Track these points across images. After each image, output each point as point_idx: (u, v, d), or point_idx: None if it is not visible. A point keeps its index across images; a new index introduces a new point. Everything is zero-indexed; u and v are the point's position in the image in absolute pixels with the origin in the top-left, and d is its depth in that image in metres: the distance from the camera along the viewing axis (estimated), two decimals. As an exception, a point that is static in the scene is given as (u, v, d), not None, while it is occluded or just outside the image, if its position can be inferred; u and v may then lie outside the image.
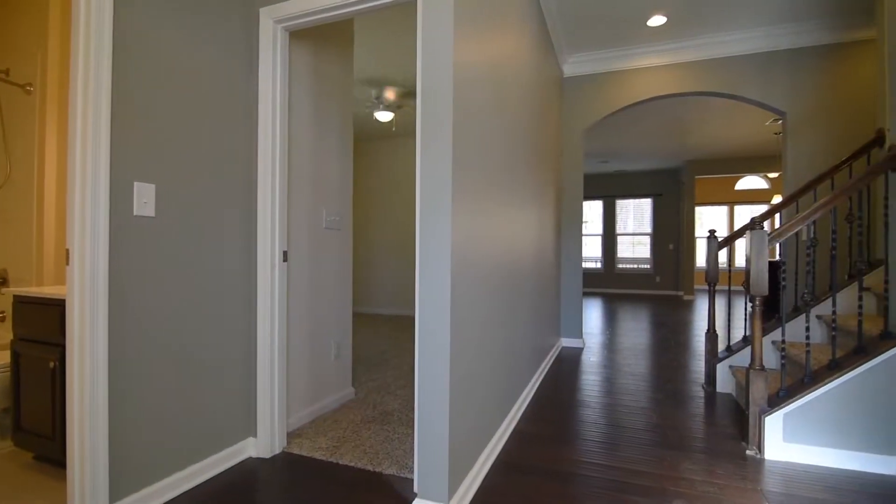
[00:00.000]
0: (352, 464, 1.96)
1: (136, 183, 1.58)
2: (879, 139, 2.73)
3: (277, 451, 2.08)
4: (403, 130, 6.29)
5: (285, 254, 2.09)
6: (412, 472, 1.88)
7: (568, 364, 3.78)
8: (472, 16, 1.77)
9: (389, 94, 4.80)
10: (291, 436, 2.24)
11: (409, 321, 5.92)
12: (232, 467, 1.95)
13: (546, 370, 3.54)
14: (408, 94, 4.88)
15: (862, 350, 2.02)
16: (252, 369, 2.06)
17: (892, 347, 1.93)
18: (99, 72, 1.45)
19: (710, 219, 11.01)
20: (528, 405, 2.77)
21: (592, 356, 4.08)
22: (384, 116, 4.91)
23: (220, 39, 1.90)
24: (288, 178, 2.28)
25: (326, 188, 2.58)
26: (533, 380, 3.04)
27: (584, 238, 11.04)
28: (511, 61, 2.41)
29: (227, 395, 1.95)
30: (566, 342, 4.48)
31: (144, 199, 1.60)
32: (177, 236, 1.73)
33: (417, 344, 1.60)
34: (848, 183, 2.07)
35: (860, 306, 2.04)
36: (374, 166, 6.78)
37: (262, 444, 2.04)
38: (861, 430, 1.99)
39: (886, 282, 2.04)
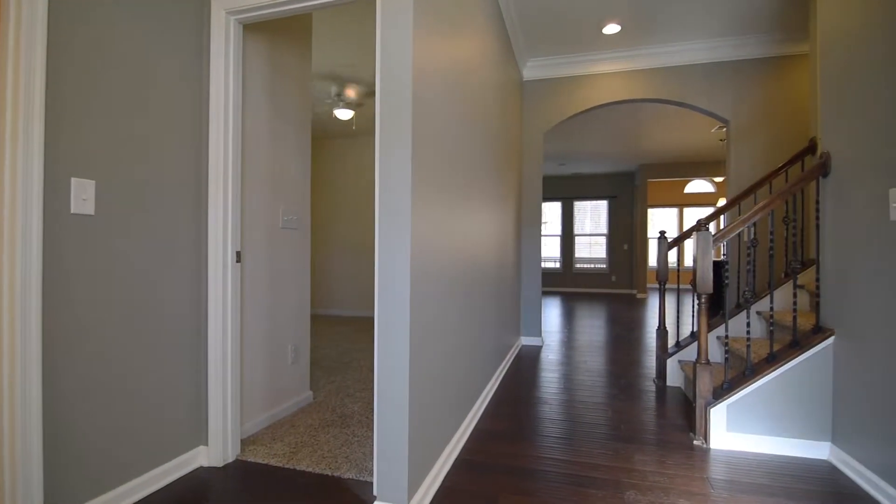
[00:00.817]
0: (309, 469, 1.91)
1: (73, 179, 1.47)
2: (812, 147, 2.94)
3: (231, 459, 2.00)
4: (364, 129, 6.21)
5: (238, 254, 2.01)
6: (372, 474, 1.85)
7: (528, 362, 3.85)
8: (432, 17, 1.77)
9: (350, 92, 4.72)
10: (246, 442, 2.16)
11: (371, 323, 5.85)
12: (180, 478, 1.86)
13: (506, 368, 3.58)
14: (370, 92, 4.82)
15: (796, 344, 2.17)
16: (202, 374, 1.98)
17: (823, 341, 2.08)
18: (31, 61, 1.35)
19: (661, 220, 11.51)
20: (489, 403, 2.80)
21: (551, 354, 4.17)
22: (344, 114, 4.83)
23: (168, 30, 1.81)
24: (242, 175, 2.20)
25: (284, 186, 2.51)
26: (494, 378, 3.08)
27: (543, 238, 11.37)
28: (472, 64, 2.43)
29: (175, 402, 1.86)
30: (526, 340, 4.56)
31: (83, 195, 1.50)
32: (119, 235, 1.63)
33: (376, 345, 1.58)
34: (783, 188, 2.21)
35: (794, 303, 2.19)
36: (335, 165, 6.66)
37: (214, 452, 1.96)
38: (796, 419, 2.13)
39: (818, 280, 2.20)
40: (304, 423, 2.41)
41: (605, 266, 10.81)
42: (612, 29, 3.80)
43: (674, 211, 11.37)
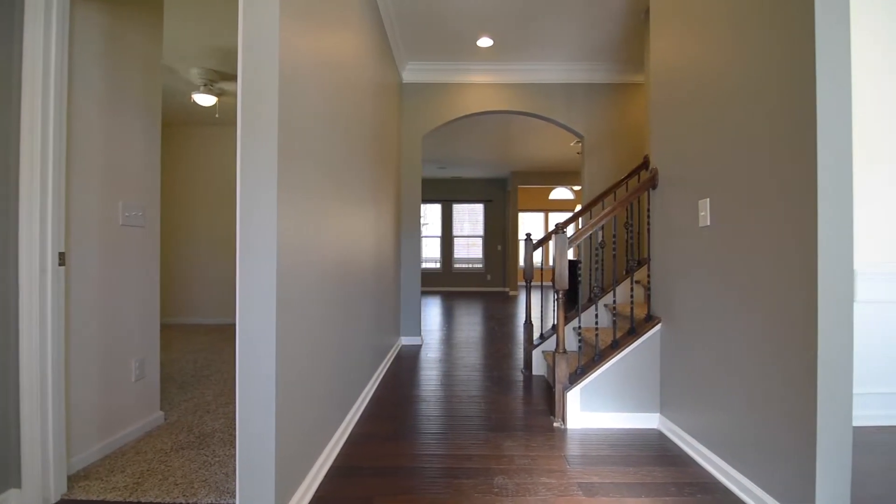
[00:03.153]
0: (158, 500, 1.68)
1: None
2: (646, 163, 3.45)
3: (54, 500, 1.66)
4: (231, 118, 5.68)
5: (62, 256, 1.69)
6: (234, 496, 1.69)
7: (407, 361, 3.89)
8: (303, 1, 1.69)
9: (212, 76, 4.28)
10: (76, 478, 1.82)
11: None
12: (-24, 535, 1.49)
13: (386, 369, 3.57)
14: (233, 77, 4.42)
15: (633, 331, 2.52)
16: (10, 401, 1.61)
17: (653, 328, 2.46)
18: None
19: (531, 223, 12.55)
20: (368, 405, 2.76)
21: (431, 352, 4.27)
22: (206, 100, 4.37)
23: (-46, -27, 1.44)
24: (68, 162, 1.85)
25: (125, 177, 2.17)
26: (372, 380, 3.04)
27: (424, 239, 11.60)
28: (347, 57, 2.37)
29: (-32, 442, 1.49)
30: (406, 340, 4.60)
31: None
32: None
33: (238, 354, 1.45)
34: (623, 197, 2.56)
35: (632, 296, 2.55)
36: (198, 156, 5.97)
37: (31, 494, 1.61)
38: (633, 395, 2.48)
39: (649, 276, 2.59)
40: (153, 448, 2.11)
41: (481, 266, 11.42)
42: (485, 42, 4.02)
43: (541, 215, 12.48)
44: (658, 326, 2.45)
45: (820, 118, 1.40)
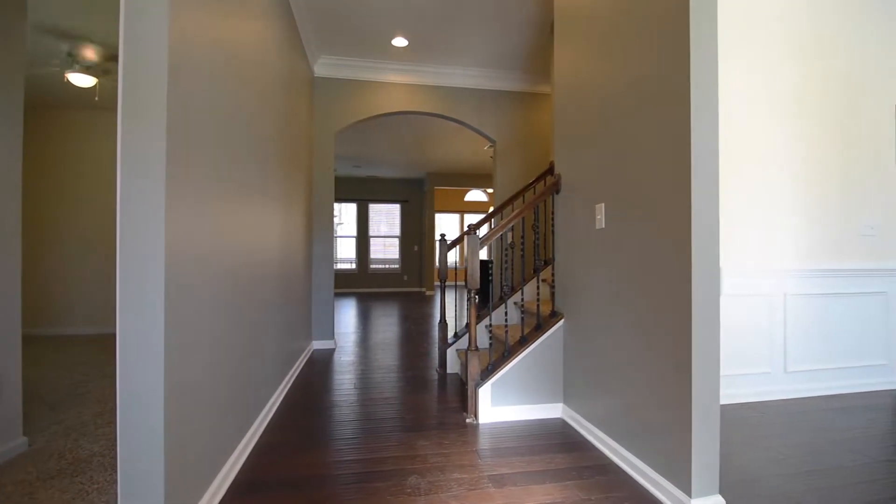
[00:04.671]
0: (16, 541, 1.45)
1: None
2: (552, 169, 3.67)
3: None
4: (112, 102, 5.06)
5: None
6: (117, 526, 1.51)
7: (320, 366, 3.75)
8: (199, -16, 1.55)
9: (89, 53, 3.78)
10: None
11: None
12: None
13: (296, 375, 3.42)
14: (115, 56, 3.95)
15: (539, 327, 2.67)
16: None
17: (557, 323, 2.62)
18: None
19: (448, 224, 12.75)
20: (276, 414, 2.61)
21: (345, 355, 4.16)
22: (83, 81, 3.85)
23: None
24: None
25: (-27, 165, 1.84)
26: (280, 387, 2.89)
27: (339, 239, 11.29)
28: (251, 45, 2.23)
29: None
30: (318, 344, 4.44)
31: None
32: None
33: (119, 367, 1.29)
34: (530, 200, 2.71)
35: (538, 294, 2.69)
36: (75, 144, 5.24)
37: None
38: (539, 387, 2.62)
39: (553, 275, 2.76)
40: (13, 480, 1.81)
41: (398, 266, 11.38)
42: (400, 42, 4.02)
43: (457, 216, 12.74)
44: (561, 322, 2.62)
45: (694, 136, 1.59)
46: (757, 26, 2.86)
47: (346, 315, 6.98)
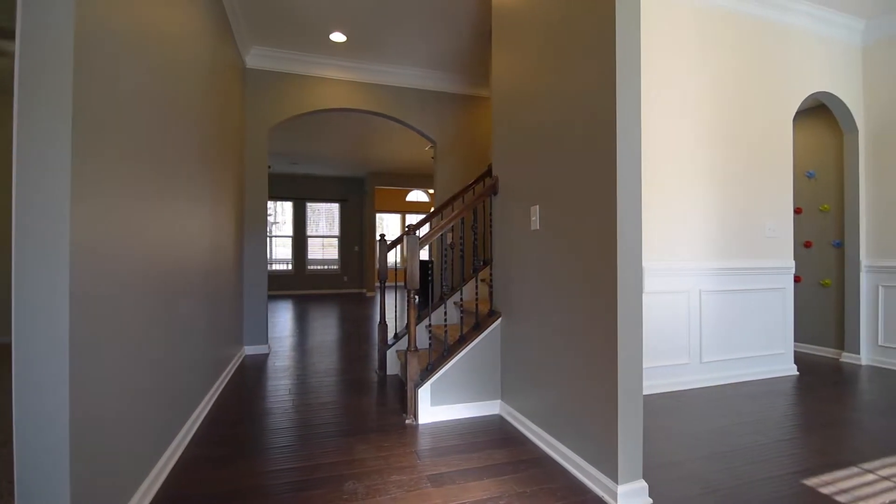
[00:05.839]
0: None
1: None
2: (490, 170, 3.74)
3: None
4: (7, 85, 4.51)
5: None
6: (10, 561, 1.35)
7: (252, 372, 3.57)
8: (111, -40, 1.42)
9: (-17, 30, 3.35)
10: None
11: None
12: None
13: (225, 383, 3.23)
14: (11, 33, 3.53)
15: (478, 326, 2.71)
16: None
17: (495, 321, 2.67)
18: None
19: (389, 224, 12.64)
20: (203, 425, 2.45)
21: (279, 360, 4.00)
22: (-27, 60, 3.40)
23: None
24: None
25: None
26: (208, 397, 2.72)
27: (276, 239, 10.83)
28: (172, 28, 2.08)
29: None
30: (250, 350, 4.23)
31: None
32: None
33: (15, 383, 1.15)
34: (469, 201, 2.74)
35: (476, 294, 2.74)
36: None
37: None
38: (479, 385, 2.66)
39: (491, 275, 2.81)
40: None
41: (337, 267, 11.12)
42: (339, 37, 3.93)
43: (399, 216, 12.66)
44: (499, 320, 2.68)
45: (619, 143, 1.68)
46: (672, 50, 3.09)
47: (282, 318, 6.71)
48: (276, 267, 10.86)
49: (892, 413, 2.64)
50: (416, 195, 9.56)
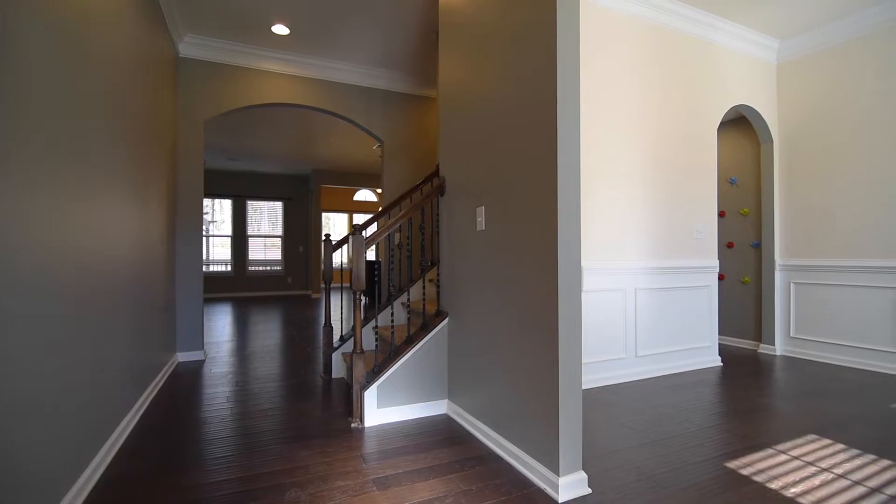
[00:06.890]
0: None
1: None
2: (437, 171, 3.75)
3: None
4: None
5: None
6: None
7: (186, 380, 3.36)
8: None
9: None
10: None
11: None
12: None
13: (155, 392, 3.02)
14: None
15: (426, 326, 2.71)
16: None
17: (442, 321, 2.68)
18: None
19: (336, 224, 12.34)
20: (129, 439, 2.27)
21: (217, 367, 3.79)
22: None
23: None
24: None
25: None
26: (135, 408, 2.53)
27: (213, 239, 10.26)
28: (91, 9, 1.92)
29: None
30: (184, 356, 3.98)
31: None
32: None
33: None
34: (417, 201, 2.73)
35: (424, 294, 2.73)
36: None
37: None
38: (426, 386, 2.66)
39: (438, 275, 2.82)
40: None
41: (280, 268, 10.72)
42: (281, 30, 3.78)
43: (346, 216, 12.40)
44: (446, 320, 2.69)
45: (560, 149, 1.74)
46: (608, 52, 3.25)
47: (221, 322, 6.37)
48: (214, 268, 10.30)
49: (803, 398, 2.91)
50: (364, 194, 9.41)
